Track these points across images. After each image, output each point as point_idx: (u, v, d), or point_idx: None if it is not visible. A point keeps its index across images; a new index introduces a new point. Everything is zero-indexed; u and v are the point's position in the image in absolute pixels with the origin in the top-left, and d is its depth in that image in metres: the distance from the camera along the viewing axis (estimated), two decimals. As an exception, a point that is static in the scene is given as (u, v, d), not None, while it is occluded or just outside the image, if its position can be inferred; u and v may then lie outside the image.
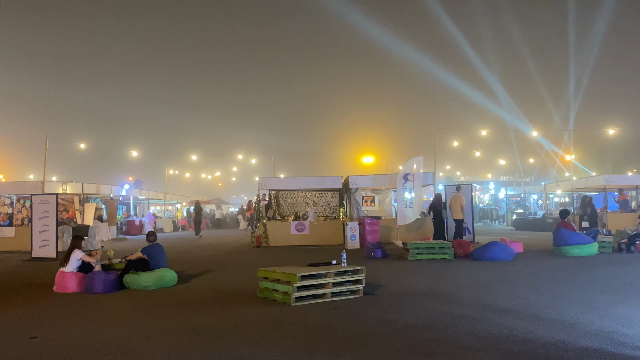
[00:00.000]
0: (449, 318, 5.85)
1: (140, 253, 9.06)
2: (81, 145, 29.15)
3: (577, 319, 5.60)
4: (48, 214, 14.30)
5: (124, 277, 8.69)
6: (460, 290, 7.72)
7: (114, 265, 9.54)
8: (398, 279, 9.17)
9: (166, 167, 39.72)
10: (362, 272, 7.46)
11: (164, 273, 8.86)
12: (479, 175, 55.30)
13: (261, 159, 43.28)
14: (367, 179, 19.57)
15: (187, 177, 56.36)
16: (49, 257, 13.88)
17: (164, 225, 30.98)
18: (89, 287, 8.38)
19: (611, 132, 29.36)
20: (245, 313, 6.45)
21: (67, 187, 20.73)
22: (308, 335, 5.28)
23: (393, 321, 5.77)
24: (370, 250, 13.01)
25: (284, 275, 7.09)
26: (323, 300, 7.00)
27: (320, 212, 20.75)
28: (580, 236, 12.43)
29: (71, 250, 8.91)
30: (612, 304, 6.38)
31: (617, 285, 7.82)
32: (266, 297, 7.32)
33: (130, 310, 6.92)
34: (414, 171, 16.71)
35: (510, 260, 11.45)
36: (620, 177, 24.00)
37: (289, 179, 22.84)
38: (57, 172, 46.71)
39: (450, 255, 12.04)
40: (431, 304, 6.76)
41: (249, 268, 10.80)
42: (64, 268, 8.68)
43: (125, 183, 28.46)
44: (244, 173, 58.84)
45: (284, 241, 17.48)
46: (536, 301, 6.70)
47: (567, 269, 9.91)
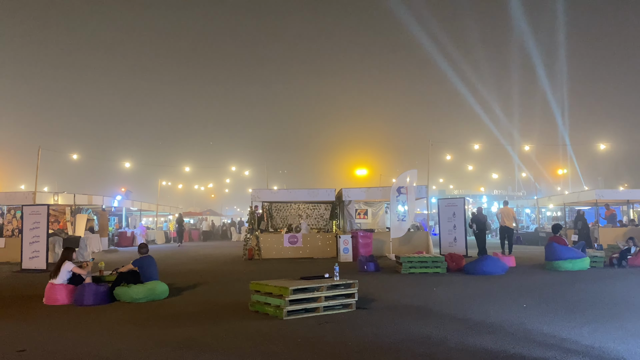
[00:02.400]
0: (441, 333, 5.84)
1: (131, 265, 9.00)
2: (74, 156, 29.02)
3: (569, 334, 5.61)
4: (39, 225, 14.19)
5: (115, 289, 8.62)
6: (452, 305, 7.72)
7: (105, 278, 9.46)
8: (390, 292, 9.15)
9: (159, 179, 39.58)
10: (355, 286, 7.45)
11: (155, 285, 8.80)
12: (471, 188, 55.52)
13: (254, 171, 43.28)
14: (360, 191, 19.60)
15: (180, 189, 56.18)
16: (39, 268, 13.75)
17: (156, 236, 30.80)
18: (79, 300, 8.30)
19: (602, 147, 29.60)
20: (237, 326, 6.41)
21: (59, 197, 20.59)
22: (300, 350, 5.25)
23: (385, 336, 5.75)
24: (363, 263, 12.99)
25: (276, 289, 7.06)
26: (315, 314, 6.96)
27: (313, 225, 20.72)
28: (572, 251, 12.48)
29: (62, 261, 8.84)
30: (603, 319, 6.40)
31: (609, 301, 7.85)
32: (258, 311, 7.28)
33: (120, 323, 6.86)
34: (407, 184, 16.76)
35: (502, 274, 11.47)
36: (611, 191, 24.20)
37: (282, 191, 22.82)
38: (49, 182, 46.46)
39: (443, 269, 12.04)
40: (423, 318, 6.74)
41: (241, 281, 10.75)
42: (54, 280, 8.61)
43: (117, 194, 28.32)
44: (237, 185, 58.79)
45: (276, 253, 17.42)
46: (528, 316, 6.71)
47: (558, 283, 9.94)
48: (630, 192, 25.09)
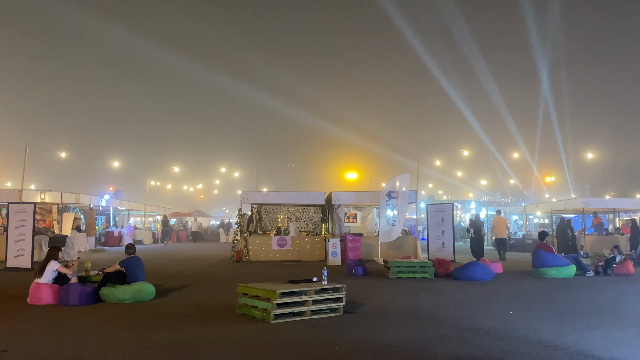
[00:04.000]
0: (428, 339, 5.85)
1: (118, 265, 8.91)
2: (61, 154, 28.75)
3: (555, 342, 5.64)
4: (25, 223, 14.03)
5: (101, 289, 8.53)
6: (440, 310, 7.74)
7: (91, 278, 9.38)
8: (378, 297, 9.15)
9: (147, 178, 39.33)
10: (343, 290, 7.44)
11: (142, 287, 8.73)
12: (460, 194, 55.81)
13: (244, 172, 43.13)
14: (350, 195, 19.61)
15: (169, 189, 55.86)
16: (24, 267, 13.58)
17: (144, 237, 30.58)
18: (64, 300, 8.20)
19: (590, 156, 29.91)
20: (224, 330, 6.37)
21: (46, 196, 20.39)
22: (287, 354, 5.23)
23: (372, 341, 5.74)
24: (352, 267, 12.99)
25: (263, 292, 7.03)
26: (302, 318, 6.94)
27: (302, 228, 20.71)
28: (558, 258, 12.58)
29: (47, 261, 8.73)
30: (589, 327, 6.44)
31: (594, 309, 7.91)
32: (245, 314, 7.24)
33: (106, 324, 6.78)
34: (398, 189, 16.79)
35: (489, 280, 11.53)
36: (598, 200, 24.44)
37: (272, 193, 22.81)
38: (36, 180, 45.96)
39: (431, 274, 12.08)
40: (411, 324, 6.75)
41: (229, 283, 10.70)
42: (39, 279, 8.50)
43: (105, 193, 28.08)
44: (227, 186, 58.56)
45: (264, 256, 17.37)
46: (515, 322, 6.74)
47: (545, 290, 10.01)
48: (617, 200, 25.40)
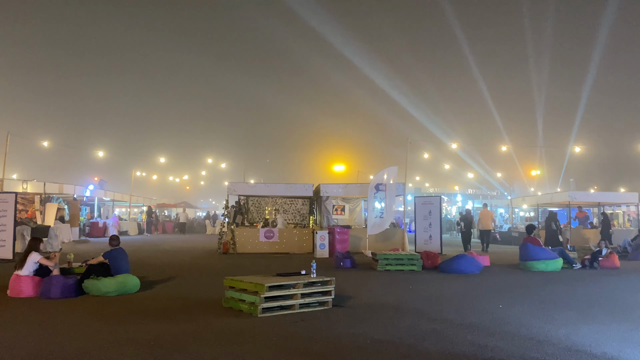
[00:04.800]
0: (418, 333, 5.77)
1: (101, 257, 8.73)
2: (44, 143, 28.23)
3: (546, 336, 5.60)
4: (6, 213, 13.75)
5: (84, 282, 8.34)
6: (429, 304, 7.67)
7: (74, 270, 9.17)
8: (367, 290, 9.08)
9: (133, 169, 38.84)
10: (332, 284, 7.34)
11: (126, 279, 8.55)
12: (447, 187, 56.04)
13: (231, 163, 42.82)
14: (338, 187, 19.51)
15: (154, 180, 55.33)
16: (4, 258, 13.31)
17: (129, 228, 30.25)
18: (46, 292, 7.99)
19: (577, 150, 30.11)
20: (210, 324, 6.24)
21: (28, 185, 20.01)
22: (275, 348, 5.11)
23: (362, 335, 5.65)
24: (340, 259, 12.91)
25: (251, 285, 6.90)
26: (291, 312, 6.83)
27: (290, 220, 20.57)
28: (545, 251, 12.61)
29: (28, 252, 8.51)
30: (579, 321, 6.42)
31: (583, 302, 7.90)
32: (232, 307, 7.11)
33: (88, 317, 6.61)
34: (385, 181, 16.72)
35: (477, 273, 11.52)
36: (583, 193, 24.59)
37: (259, 185, 22.61)
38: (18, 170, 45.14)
39: (419, 266, 12.04)
40: (400, 317, 6.67)
41: (215, 275, 10.56)
42: (20, 271, 8.28)
43: (89, 183, 27.69)
44: (213, 177, 58.16)
45: (252, 248, 17.24)
46: (504, 317, 6.69)
47: (533, 284, 10.01)
48: (602, 194, 25.60)
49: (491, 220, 19.20)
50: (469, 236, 18.86)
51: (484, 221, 19.05)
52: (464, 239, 18.68)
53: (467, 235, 18.75)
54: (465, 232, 18.75)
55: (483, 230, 19.09)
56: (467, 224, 18.81)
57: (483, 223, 19.05)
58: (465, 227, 18.75)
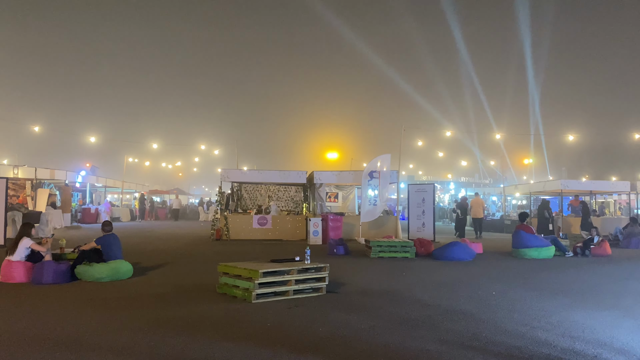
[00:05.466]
0: (412, 320, 5.78)
1: (94, 243, 8.67)
2: (35, 128, 27.93)
3: (539, 323, 5.62)
4: (-4, 198, 13.61)
5: (76, 267, 8.28)
6: (422, 291, 7.70)
7: (66, 255, 9.11)
8: (360, 277, 9.09)
9: (125, 155, 38.59)
10: (326, 270, 7.33)
11: (119, 265, 8.51)
12: (440, 175, 56.19)
13: (224, 150, 42.57)
14: (331, 174, 19.47)
15: (147, 166, 55.02)
16: (-5, 244, 13.21)
17: (121, 214, 30.11)
18: (38, 278, 7.94)
19: (571, 139, 30.19)
20: (204, 309, 6.22)
21: (19, 171, 19.82)
22: (269, 334, 5.10)
23: (357, 321, 5.65)
24: (333, 246, 12.91)
25: (245, 271, 6.88)
26: (285, 298, 6.82)
27: (283, 207, 20.56)
28: (538, 239, 12.68)
29: (19, 237, 8.44)
30: (572, 308, 6.46)
31: (575, 289, 7.95)
32: (226, 293, 7.09)
33: (81, 303, 6.57)
34: (379, 168, 16.71)
35: (470, 260, 11.57)
36: (576, 182, 24.70)
37: (253, 172, 22.51)
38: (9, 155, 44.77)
39: (412, 254, 12.08)
40: (394, 304, 6.68)
41: (208, 262, 10.54)
42: (11, 257, 8.22)
43: (81, 169, 27.48)
44: (206, 164, 57.92)
45: (245, 235, 17.22)
46: (498, 304, 6.72)
47: (526, 271, 10.06)
48: (594, 183, 25.73)
49: (482, 208, 20.22)
50: (464, 223, 19.88)
51: (475, 209, 20.01)
52: (459, 225, 19.76)
53: (462, 222, 19.79)
54: (461, 218, 19.79)
55: (475, 218, 20.00)
56: (463, 211, 19.82)
57: (475, 211, 19.99)
58: (462, 214, 19.76)
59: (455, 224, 20.35)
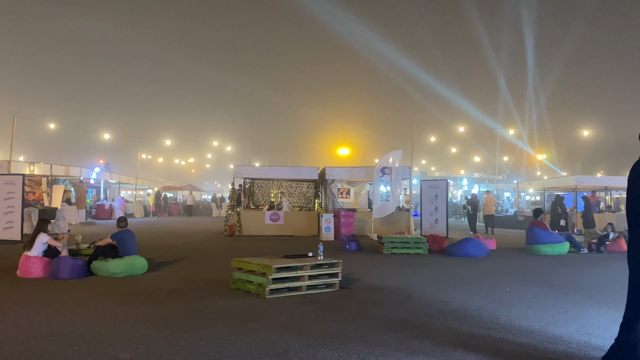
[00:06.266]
0: (425, 315, 5.78)
1: (109, 239, 8.77)
2: (51, 126, 28.24)
3: (554, 319, 5.60)
4: (14, 195, 13.82)
5: (92, 263, 8.39)
6: (436, 287, 7.68)
7: (82, 251, 9.23)
8: (373, 273, 9.09)
9: (139, 151, 38.88)
10: (339, 266, 7.35)
11: (134, 260, 8.60)
12: (452, 171, 55.88)
13: (236, 146, 42.73)
14: (343, 170, 19.49)
15: (160, 162, 55.40)
16: (13, 239, 13.42)
17: (135, 210, 30.38)
18: (55, 273, 8.05)
19: (586, 134, 29.84)
20: (218, 304, 6.27)
21: (35, 167, 20.06)
22: (283, 329, 5.14)
23: (370, 317, 5.67)
24: (345, 242, 12.93)
25: (259, 267, 6.92)
26: (298, 293, 6.86)
27: (294, 203, 20.60)
28: (552, 235, 12.59)
29: (36, 233, 8.56)
30: (586, 305, 6.41)
31: (590, 286, 7.89)
32: (240, 288, 7.15)
33: (97, 298, 6.66)
34: (391, 164, 16.67)
35: (483, 257, 11.52)
36: (590, 177, 24.48)
37: (265, 168, 22.60)
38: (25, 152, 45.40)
39: (425, 250, 12.05)
40: (408, 300, 6.69)
41: (222, 257, 10.62)
42: (29, 252, 8.34)
43: (95, 166, 27.76)
44: (219, 160, 58.20)
45: (257, 230, 17.29)
46: (512, 300, 6.69)
47: (539, 267, 10.00)
48: (609, 178, 25.43)
49: (494, 205, 20.65)
50: (475, 219, 20.37)
51: (487, 206, 20.38)
52: (471, 221, 20.25)
53: (473, 218, 20.27)
54: (472, 214, 20.26)
55: (487, 215, 20.40)
56: (474, 207, 20.34)
57: (487, 208, 20.41)
58: (472, 210, 20.28)
59: (468, 221, 20.83)
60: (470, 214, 20.46)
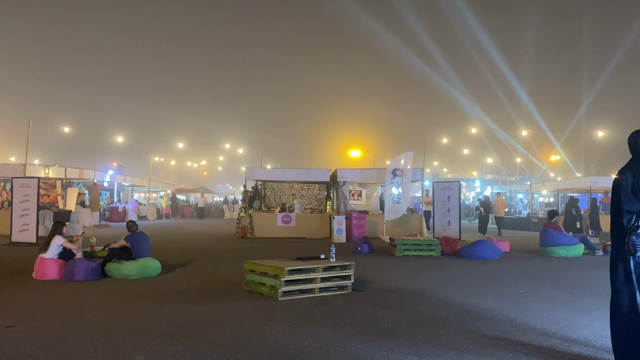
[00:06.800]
0: (439, 318, 5.75)
1: (123, 241, 8.83)
2: (65, 129, 28.56)
3: (569, 322, 5.54)
4: (29, 197, 13.97)
5: (106, 265, 8.47)
6: (449, 289, 7.64)
7: (96, 253, 9.31)
8: (386, 275, 9.07)
9: (151, 154, 39.16)
10: (351, 268, 7.34)
11: (148, 262, 8.66)
12: (465, 172, 55.55)
13: (248, 149, 42.86)
14: (355, 172, 19.47)
15: (173, 165, 55.74)
16: (28, 242, 13.56)
17: (148, 212, 30.59)
18: (70, 275, 8.13)
19: (600, 135, 29.51)
20: (231, 306, 6.29)
21: (50, 170, 20.31)
22: (296, 332, 5.14)
23: (383, 319, 5.65)
24: (357, 244, 12.90)
25: (271, 269, 6.94)
26: (310, 296, 6.86)
27: (306, 205, 20.61)
28: (566, 237, 12.46)
29: (52, 236, 8.65)
30: (601, 307, 6.32)
31: (605, 288, 7.74)
32: (252, 291, 7.16)
33: (112, 300, 6.72)
34: (402, 166, 16.62)
35: (497, 259, 11.43)
36: (605, 179, 24.14)
37: (276, 170, 22.64)
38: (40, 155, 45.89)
39: (438, 252, 11.99)
40: (420, 302, 6.66)
41: (234, 259, 10.65)
42: (44, 254, 8.44)
43: (109, 169, 28.01)
44: (231, 163, 58.39)
45: (269, 233, 17.33)
46: (526, 302, 6.64)
47: (554, 269, 9.90)
48: (624, 180, 25.10)
49: (503, 207, 21.52)
50: (487, 220, 20.94)
51: (497, 208, 21.02)
52: (482, 222, 20.75)
53: (485, 220, 20.81)
54: (484, 216, 20.83)
55: (497, 217, 21.08)
56: (486, 209, 20.89)
57: (497, 209, 21.02)
58: (485, 212, 20.84)
59: (480, 222, 21.20)
60: (482, 216, 20.91)
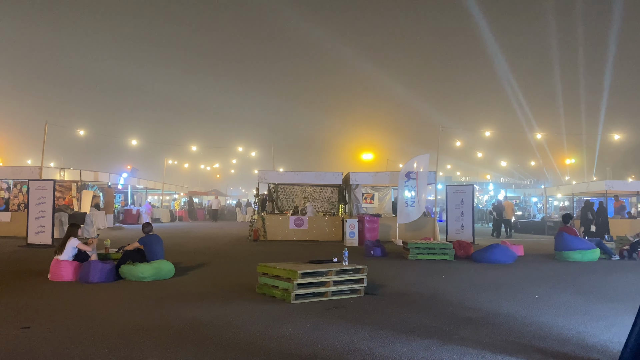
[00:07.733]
0: (453, 322, 5.71)
1: (137, 243, 8.90)
2: (80, 132, 28.89)
3: (585, 328, 5.47)
4: (45, 200, 14.12)
5: (121, 267, 8.53)
6: (462, 293, 7.58)
7: (111, 255, 9.39)
8: (399, 279, 9.03)
9: (165, 157, 39.46)
10: (364, 272, 7.32)
11: (162, 265, 8.71)
12: (478, 176, 55.19)
13: (261, 152, 43.03)
14: (368, 175, 19.43)
15: (186, 168, 56.12)
16: (44, 243, 13.70)
17: (161, 215, 30.80)
18: (85, 277, 8.21)
19: (616, 137, 29.17)
20: (245, 309, 6.30)
21: (65, 173, 20.53)
22: (309, 335, 5.13)
23: (396, 323, 5.62)
24: (370, 248, 12.87)
25: (284, 272, 6.94)
26: (323, 299, 6.85)
27: (318, 208, 20.61)
28: (582, 241, 12.31)
29: (67, 238, 8.75)
30: (618, 313, 6.25)
31: (622, 293, 7.69)
32: (265, 293, 7.17)
33: (126, 301, 6.77)
34: (416, 169, 16.56)
35: (511, 263, 11.33)
36: (621, 182, 23.90)
37: (289, 173, 22.68)
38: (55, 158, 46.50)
39: (451, 256, 11.91)
40: (434, 306, 6.62)
41: (247, 262, 10.67)
42: (60, 256, 8.52)
43: (123, 171, 28.26)
44: (243, 166, 58.66)
45: (281, 235, 17.35)
46: (541, 307, 6.56)
47: (569, 274, 9.79)
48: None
49: (512, 211, 22.14)
50: (500, 224, 21.09)
51: (507, 211, 21.28)
52: (496, 226, 21.19)
53: (498, 223, 21.11)
54: (497, 220, 21.10)
55: (506, 220, 21.28)
56: (499, 212, 20.98)
57: (506, 213, 21.21)
58: (498, 215, 21.05)
59: (494, 226, 21.61)
60: (496, 220, 21.22)
